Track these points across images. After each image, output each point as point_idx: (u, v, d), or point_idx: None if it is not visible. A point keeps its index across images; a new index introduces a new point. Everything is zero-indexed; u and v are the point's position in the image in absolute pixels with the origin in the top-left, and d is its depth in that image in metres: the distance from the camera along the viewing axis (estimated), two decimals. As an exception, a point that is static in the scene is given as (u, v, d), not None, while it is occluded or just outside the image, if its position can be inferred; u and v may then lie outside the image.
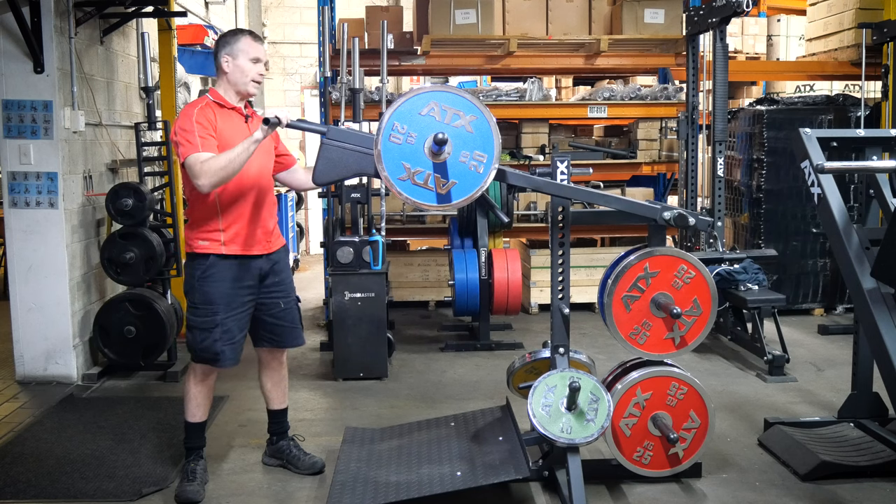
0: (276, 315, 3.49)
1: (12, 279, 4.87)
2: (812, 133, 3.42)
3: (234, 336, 3.34)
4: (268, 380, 3.67)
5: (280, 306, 3.50)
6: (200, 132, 3.17)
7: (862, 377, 3.90)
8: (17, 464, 3.73)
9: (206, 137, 3.18)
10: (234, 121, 3.32)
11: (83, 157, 5.07)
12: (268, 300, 3.46)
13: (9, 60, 4.69)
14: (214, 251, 3.29)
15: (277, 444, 3.72)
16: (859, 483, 3.46)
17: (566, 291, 3.31)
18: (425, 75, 9.10)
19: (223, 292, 3.30)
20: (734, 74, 6.27)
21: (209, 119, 3.22)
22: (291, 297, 3.56)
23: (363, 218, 5.46)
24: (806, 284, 6.58)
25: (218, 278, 3.30)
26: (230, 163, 3.09)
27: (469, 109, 2.92)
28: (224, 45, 3.32)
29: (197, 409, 3.49)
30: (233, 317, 3.33)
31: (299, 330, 3.61)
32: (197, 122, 3.19)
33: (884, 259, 2.99)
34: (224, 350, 3.32)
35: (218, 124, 3.23)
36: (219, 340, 3.31)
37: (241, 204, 3.30)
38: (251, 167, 3.25)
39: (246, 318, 3.40)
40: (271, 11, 10.70)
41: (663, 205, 3.30)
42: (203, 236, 3.30)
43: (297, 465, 3.64)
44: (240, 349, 3.41)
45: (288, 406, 3.76)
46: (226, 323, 3.31)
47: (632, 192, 7.08)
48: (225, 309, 3.31)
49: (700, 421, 3.40)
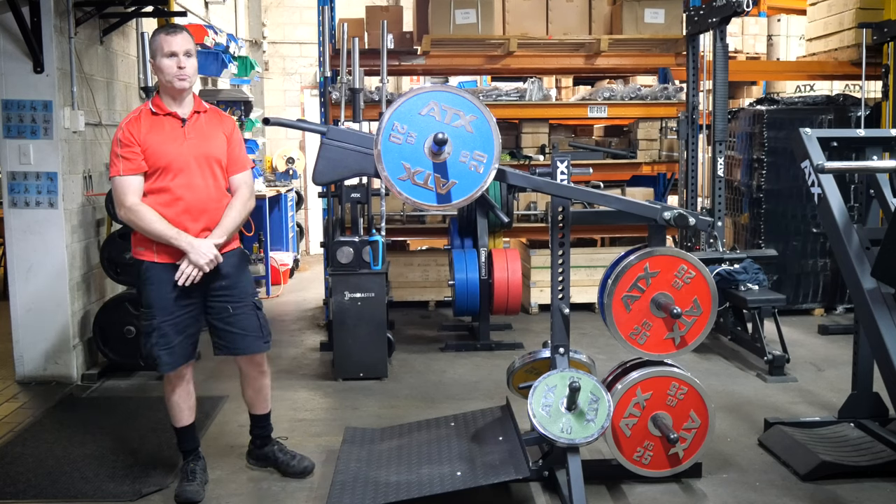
0: (224, 320, 3.35)
1: (12, 279, 4.87)
2: (812, 133, 3.42)
3: (170, 341, 3.25)
4: (248, 387, 3.56)
5: (228, 311, 3.34)
6: (122, 151, 3.16)
7: (862, 377, 3.90)
8: (17, 464, 3.73)
9: (129, 156, 3.16)
10: (167, 128, 3.23)
11: (83, 157, 5.07)
12: (216, 304, 3.34)
13: (9, 60, 4.69)
14: (149, 258, 3.25)
15: (262, 449, 3.64)
16: (859, 483, 3.45)
17: (566, 291, 3.31)
18: (425, 75, 9.10)
19: (159, 296, 3.23)
20: (734, 74, 6.26)
21: (133, 133, 3.17)
22: (244, 301, 3.38)
23: (363, 218, 5.46)
24: (806, 284, 6.57)
25: (154, 281, 3.24)
26: (148, 233, 3.16)
27: (469, 109, 2.92)
28: (150, 50, 3.28)
29: (179, 413, 3.43)
30: (168, 321, 3.24)
31: (253, 337, 3.40)
32: (120, 139, 3.17)
33: (884, 259, 2.99)
34: (160, 355, 3.25)
35: (143, 136, 3.18)
36: (156, 345, 3.24)
37: (174, 215, 3.21)
38: (183, 175, 3.20)
39: (186, 322, 3.29)
40: (271, 11, 10.69)
41: (663, 205, 3.30)
42: (140, 244, 3.26)
43: (286, 469, 3.56)
44: (179, 354, 3.29)
45: (271, 410, 3.65)
46: (162, 328, 3.23)
47: (632, 192, 7.07)
48: (161, 313, 3.23)
49: (700, 421, 3.40)
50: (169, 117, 3.25)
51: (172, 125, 3.25)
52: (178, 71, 3.19)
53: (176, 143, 3.22)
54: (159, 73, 3.22)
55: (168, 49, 3.18)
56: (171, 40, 3.19)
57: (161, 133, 3.22)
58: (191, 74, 3.23)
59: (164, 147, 3.19)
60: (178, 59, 3.19)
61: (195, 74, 3.30)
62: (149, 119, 3.23)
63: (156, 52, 3.21)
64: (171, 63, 3.19)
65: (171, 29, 3.28)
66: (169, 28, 3.29)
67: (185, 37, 3.24)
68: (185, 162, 3.22)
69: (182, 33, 3.25)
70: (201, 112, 3.33)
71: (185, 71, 3.21)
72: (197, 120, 3.31)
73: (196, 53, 3.29)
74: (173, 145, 3.21)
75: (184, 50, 3.20)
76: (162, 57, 3.19)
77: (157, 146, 3.19)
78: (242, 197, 3.37)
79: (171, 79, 3.20)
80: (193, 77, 3.26)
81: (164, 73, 3.21)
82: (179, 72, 3.20)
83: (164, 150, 3.19)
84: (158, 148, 3.19)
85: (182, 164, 3.21)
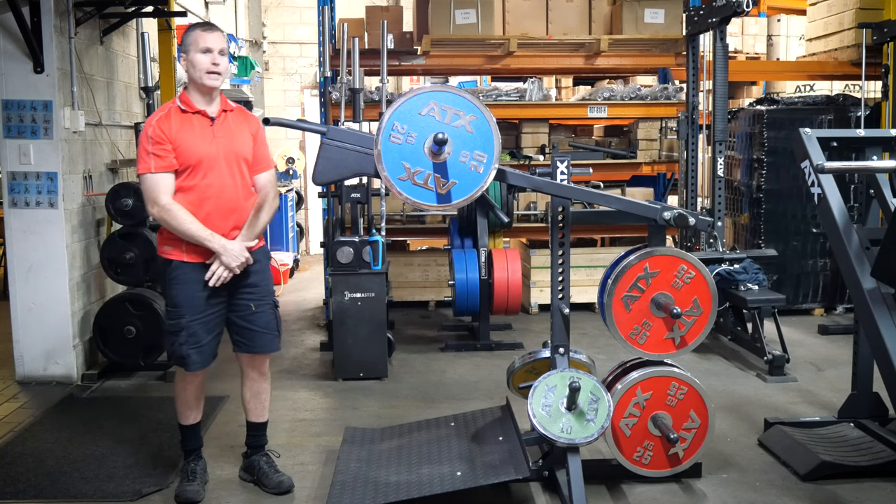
0: (246, 318, 3.36)
1: (12, 279, 4.87)
2: (812, 133, 3.42)
3: (199, 340, 3.24)
4: (247, 390, 3.52)
5: (251, 309, 3.35)
6: (153, 148, 3.14)
7: (862, 377, 3.90)
8: (17, 464, 3.73)
9: (160, 154, 3.14)
10: (197, 126, 3.21)
11: (83, 157, 5.07)
12: (239, 301, 3.34)
13: (9, 60, 4.69)
14: (177, 258, 3.24)
15: (250, 458, 3.58)
16: (859, 483, 3.45)
17: (566, 291, 3.31)
18: (425, 75, 9.10)
19: (188, 295, 3.23)
20: (734, 74, 6.27)
21: (164, 131, 3.15)
22: (266, 300, 3.40)
23: (363, 218, 5.46)
24: (806, 284, 6.57)
25: (183, 280, 3.23)
26: (181, 233, 3.14)
27: (469, 109, 2.92)
28: (181, 45, 3.26)
29: (187, 411, 3.43)
30: (198, 320, 3.24)
31: (271, 336, 3.43)
32: (151, 136, 3.15)
33: (884, 259, 2.99)
34: (190, 354, 3.24)
35: (174, 133, 3.16)
36: (184, 344, 3.23)
37: (203, 213, 3.20)
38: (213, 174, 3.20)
39: (214, 321, 3.30)
40: (271, 11, 10.70)
41: (663, 205, 3.30)
42: (168, 243, 3.26)
43: (265, 482, 3.47)
44: (208, 353, 3.30)
45: (267, 421, 3.60)
46: (191, 326, 3.23)
47: (632, 192, 7.08)
48: (190, 312, 3.23)
49: (700, 421, 3.40)
50: (198, 115, 3.24)
51: (202, 123, 3.24)
52: (212, 66, 3.19)
53: (206, 141, 3.21)
54: (191, 68, 3.20)
55: (204, 45, 3.18)
56: (207, 36, 3.20)
57: (191, 131, 3.21)
58: (223, 73, 3.24)
59: (195, 145, 3.19)
60: (213, 55, 3.19)
61: (227, 74, 3.31)
62: (178, 116, 3.22)
63: (189, 47, 3.20)
64: (206, 59, 3.18)
65: (208, 26, 3.29)
66: (205, 25, 3.30)
67: (221, 36, 3.26)
68: (215, 160, 3.22)
69: (218, 32, 3.27)
70: (228, 111, 3.34)
71: (219, 68, 3.21)
72: (225, 119, 3.30)
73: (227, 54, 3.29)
74: (203, 143, 3.20)
75: (219, 48, 3.21)
76: (196, 52, 3.18)
77: (189, 144, 3.18)
78: (269, 197, 3.38)
79: (202, 75, 3.19)
80: (225, 76, 3.27)
81: (196, 69, 3.19)
82: (213, 67, 3.19)
83: (195, 148, 3.19)
84: (190, 146, 3.18)
85: (212, 162, 3.21)
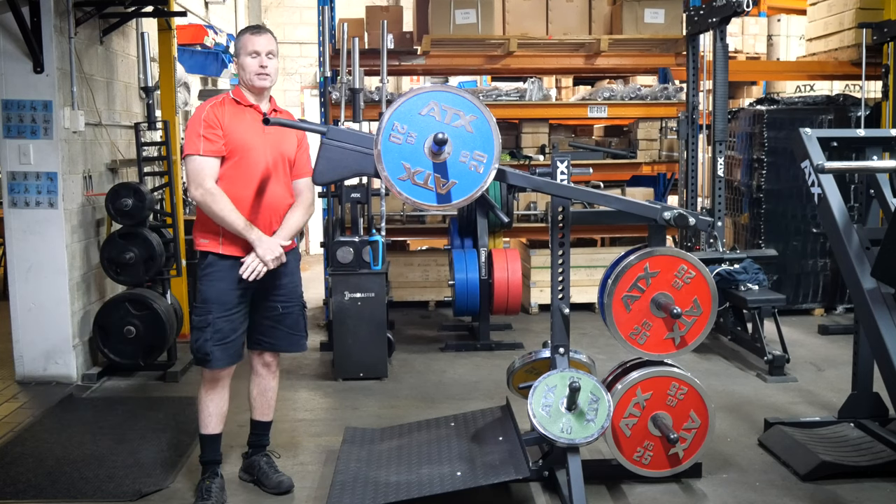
0: (273, 318, 3.39)
1: (12, 279, 4.86)
2: (812, 133, 3.42)
3: (225, 336, 3.24)
4: (254, 387, 3.53)
5: (278, 310, 3.39)
6: (205, 132, 3.17)
7: (862, 377, 3.90)
8: (17, 464, 3.73)
9: (211, 138, 3.17)
10: (248, 119, 3.28)
11: (83, 157, 5.06)
12: (268, 302, 3.37)
13: (9, 60, 4.68)
14: (213, 250, 3.25)
15: (251, 457, 3.57)
16: (859, 483, 3.45)
17: (566, 291, 3.31)
18: (425, 75, 9.10)
19: (218, 291, 3.24)
20: (734, 74, 6.27)
21: (218, 117, 3.20)
22: (293, 301, 3.45)
23: (363, 218, 5.46)
24: (806, 284, 6.57)
25: (215, 277, 3.25)
26: (220, 219, 3.16)
27: (469, 109, 2.92)
28: (235, 47, 3.34)
29: (208, 418, 3.34)
30: (225, 318, 3.23)
31: (298, 337, 3.47)
32: (205, 119, 3.19)
33: (884, 259, 2.99)
34: (213, 350, 3.22)
35: (226, 122, 3.21)
36: (209, 340, 3.22)
37: (242, 205, 3.23)
38: (258, 167, 3.24)
39: (240, 319, 3.30)
40: (271, 11, 10.70)
41: (663, 205, 3.30)
42: (204, 235, 3.28)
43: (265, 482, 3.47)
44: (233, 351, 3.28)
45: (272, 421, 3.60)
46: (217, 323, 3.22)
47: (632, 192, 7.08)
48: (218, 309, 3.23)
49: (700, 421, 3.40)
50: (250, 109, 3.29)
51: (254, 117, 3.28)
52: (260, 69, 3.25)
53: (256, 134, 3.25)
54: (241, 70, 3.28)
55: (252, 48, 3.24)
56: (255, 40, 3.25)
57: (243, 122, 3.26)
58: (272, 74, 3.29)
59: (245, 136, 3.22)
60: (261, 58, 3.24)
61: (276, 75, 3.35)
62: (232, 107, 3.27)
63: (240, 50, 3.28)
64: (254, 62, 3.24)
65: (256, 29, 3.34)
66: (254, 28, 3.35)
67: (269, 38, 3.30)
68: (263, 155, 3.25)
69: (267, 34, 3.31)
70: (278, 111, 3.39)
71: (267, 70, 3.27)
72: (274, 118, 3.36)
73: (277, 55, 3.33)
74: (253, 136, 3.24)
75: (266, 50, 3.26)
76: (245, 55, 3.25)
77: (239, 134, 3.23)
78: (307, 201, 3.42)
79: (252, 77, 3.25)
80: (274, 77, 3.32)
81: (245, 71, 3.26)
82: (261, 70, 3.25)
83: (245, 139, 3.22)
84: (240, 135, 3.22)
85: (259, 156, 3.24)
